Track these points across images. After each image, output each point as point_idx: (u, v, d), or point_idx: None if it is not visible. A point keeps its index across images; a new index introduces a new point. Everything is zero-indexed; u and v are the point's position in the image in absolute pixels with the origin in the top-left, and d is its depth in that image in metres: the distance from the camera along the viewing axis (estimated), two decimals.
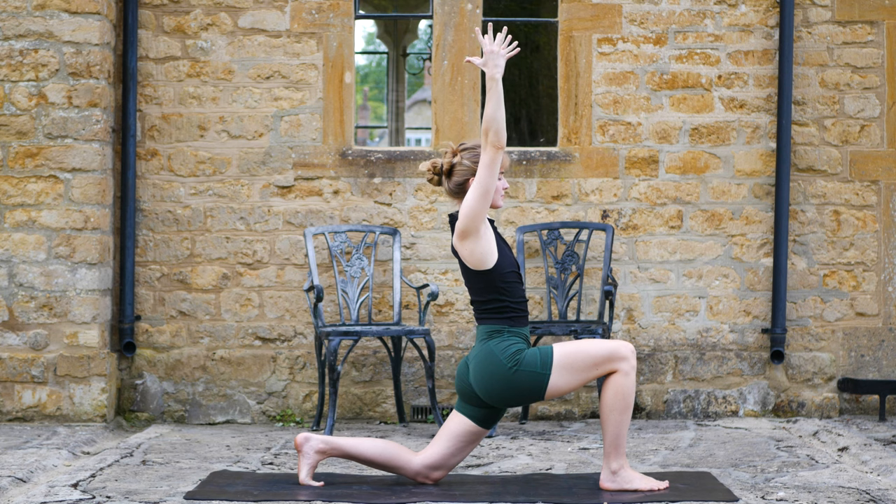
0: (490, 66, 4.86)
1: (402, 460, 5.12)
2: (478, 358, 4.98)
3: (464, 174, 5.03)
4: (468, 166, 5.01)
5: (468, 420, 5.07)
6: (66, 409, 6.88)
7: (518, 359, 4.91)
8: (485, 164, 4.85)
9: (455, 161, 5.05)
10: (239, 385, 7.27)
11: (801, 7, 7.36)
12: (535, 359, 4.92)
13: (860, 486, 5.17)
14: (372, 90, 35.17)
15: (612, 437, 4.99)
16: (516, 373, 4.91)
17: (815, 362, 7.40)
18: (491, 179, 4.85)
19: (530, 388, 4.93)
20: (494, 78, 4.84)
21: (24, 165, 6.90)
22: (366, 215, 7.32)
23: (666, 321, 7.36)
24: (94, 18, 6.91)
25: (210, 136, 7.29)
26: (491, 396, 4.98)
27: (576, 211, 7.36)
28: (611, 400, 4.97)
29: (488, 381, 4.94)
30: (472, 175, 4.99)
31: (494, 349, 4.95)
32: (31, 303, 6.89)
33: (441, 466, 5.10)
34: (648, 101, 7.37)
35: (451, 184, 5.07)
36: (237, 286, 7.28)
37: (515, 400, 4.98)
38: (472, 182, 4.92)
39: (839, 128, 7.40)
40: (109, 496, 4.91)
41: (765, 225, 7.38)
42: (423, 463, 5.09)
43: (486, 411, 5.07)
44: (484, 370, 4.95)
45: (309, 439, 5.12)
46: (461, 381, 5.06)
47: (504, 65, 4.86)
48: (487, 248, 4.93)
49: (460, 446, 5.09)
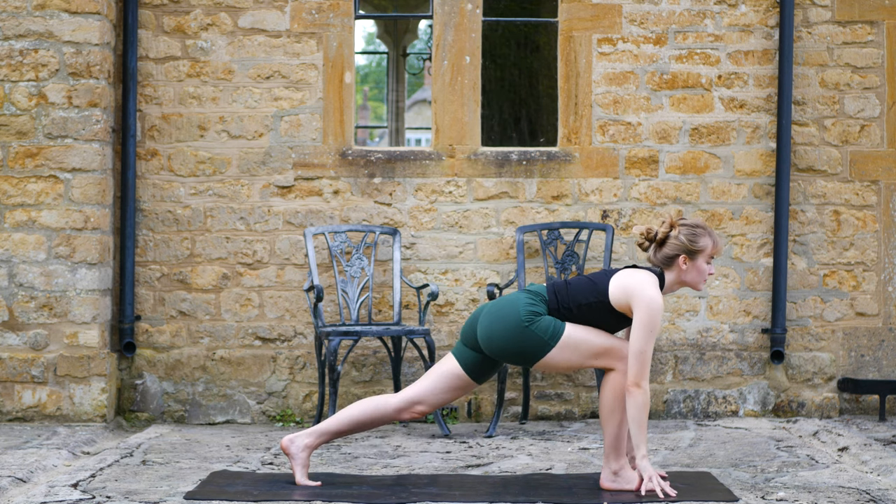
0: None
1: (384, 405, 5.11)
2: (502, 300, 5.01)
3: (676, 249, 4.96)
4: (682, 243, 4.94)
5: (457, 364, 5.07)
6: (66, 409, 6.88)
7: (535, 320, 4.92)
8: (645, 344, 4.87)
9: (671, 234, 4.97)
10: (239, 385, 7.27)
11: (801, 7, 7.36)
12: (548, 327, 4.92)
13: (860, 486, 5.17)
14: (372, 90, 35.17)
15: (612, 437, 4.99)
16: (526, 330, 4.91)
17: (815, 362, 7.40)
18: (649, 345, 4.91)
19: (529, 351, 4.93)
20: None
21: (24, 165, 6.90)
22: (366, 215, 7.32)
23: (666, 321, 7.36)
24: (94, 18, 6.91)
25: (210, 136, 7.29)
26: (489, 339, 4.96)
27: (576, 211, 7.36)
28: (610, 400, 4.97)
29: (497, 324, 4.94)
30: (683, 252, 4.94)
31: (520, 301, 4.96)
32: (31, 303, 6.89)
33: (423, 401, 5.08)
34: (648, 101, 7.37)
35: (659, 254, 5.00)
36: (237, 286, 7.28)
37: (508, 353, 4.96)
38: (640, 310, 4.87)
39: (839, 128, 7.40)
40: (109, 496, 4.91)
41: (765, 225, 7.38)
42: (404, 397, 5.09)
43: (477, 358, 5.05)
44: (499, 311, 4.96)
45: (293, 440, 5.13)
46: (471, 321, 5.08)
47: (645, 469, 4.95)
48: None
49: (444, 386, 5.07)
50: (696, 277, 5.00)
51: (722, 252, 5.15)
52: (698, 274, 4.99)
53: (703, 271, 4.99)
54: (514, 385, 7.30)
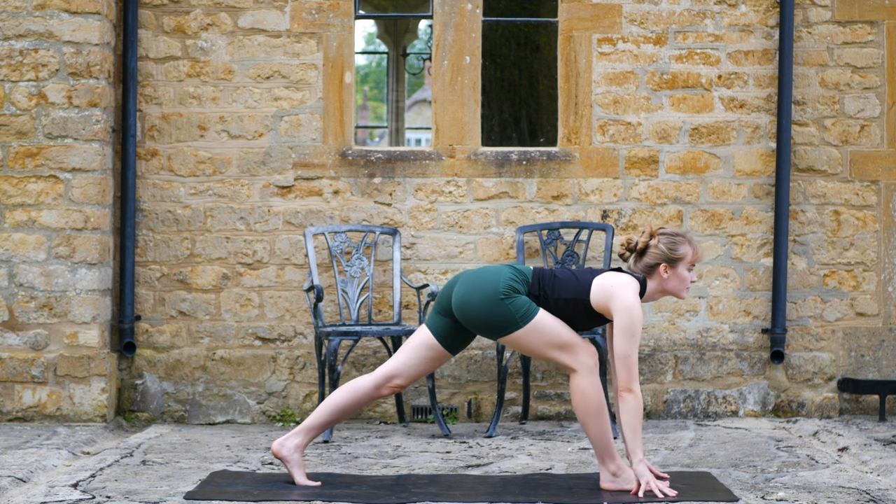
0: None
1: (361, 385, 5.15)
2: (483, 269, 5.04)
3: (656, 258, 5.00)
4: (663, 252, 4.99)
5: (430, 334, 5.09)
6: (66, 409, 6.88)
7: (511, 295, 4.94)
8: (629, 348, 4.91)
9: (651, 243, 5.02)
10: (239, 385, 7.27)
11: (801, 7, 7.36)
12: (522, 306, 4.94)
13: (860, 486, 5.17)
14: (372, 90, 35.17)
15: (596, 441, 5.00)
16: (500, 302, 4.93)
17: (815, 362, 7.40)
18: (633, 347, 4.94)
19: (499, 324, 4.95)
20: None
21: (24, 165, 6.90)
22: (366, 215, 7.32)
23: (666, 321, 7.36)
24: (94, 18, 6.91)
25: (210, 136, 7.29)
26: (463, 304, 4.98)
27: (576, 211, 7.36)
28: (579, 405, 4.97)
29: (473, 291, 4.96)
30: (663, 261, 4.99)
31: (504, 273, 4.98)
32: (31, 303, 6.89)
33: (399, 374, 5.11)
34: (648, 101, 7.37)
35: (640, 264, 5.05)
36: (237, 286, 7.28)
37: (477, 321, 4.97)
38: (620, 316, 4.90)
39: (839, 128, 7.40)
40: (109, 496, 4.91)
41: (765, 225, 7.38)
42: (380, 373, 5.13)
43: (450, 326, 5.07)
44: (480, 279, 4.99)
45: (283, 443, 5.15)
46: (447, 288, 5.10)
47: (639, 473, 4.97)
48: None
49: (418, 358, 5.09)
50: (678, 285, 5.03)
51: (702, 259, 5.16)
52: (680, 282, 5.03)
53: (685, 279, 5.03)
54: (514, 385, 7.30)
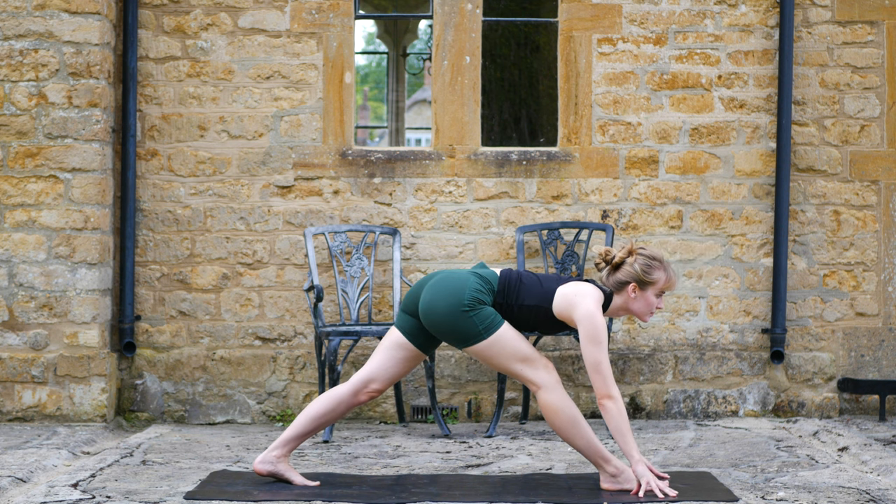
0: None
1: (338, 393, 5.15)
2: (451, 277, 5.01)
3: (628, 276, 4.98)
4: (636, 272, 4.96)
5: (400, 334, 5.10)
6: (66, 409, 6.88)
7: (476, 307, 4.93)
8: (598, 355, 4.88)
9: (628, 260, 5.00)
10: (239, 385, 7.28)
11: (801, 7, 7.36)
12: (486, 319, 4.94)
13: (860, 486, 5.17)
14: (372, 90, 35.17)
15: (585, 451, 5.00)
16: (464, 314, 4.92)
17: (815, 362, 7.40)
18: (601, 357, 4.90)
19: (461, 335, 4.95)
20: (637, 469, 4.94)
21: (24, 165, 6.90)
22: (366, 215, 7.32)
23: (666, 321, 7.36)
24: (94, 18, 6.91)
25: (210, 136, 7.29)
26: (428, 311, 4.98)
27: (576, 211, 7.36)
28: (554, 422, 4.97)
29: (438, 300, 4.96)
30: (634, 280, 4.97)
31: (469, 283, 4.97)
32: (31, 303, 6.89)
33: (375, 378, 5.11)
34: (648, 101, 7.37)
35: (612, 278, 5.02)
36: (237, 286, 7.28)
37: (441, 329, 4.98)
38: (583, 325, 4.88)
39: (839, 128, 7.40)
40: (109, 496, 4.91)
41: (765, 225, 7.38)
42: (356, 380, 5.13)
43: (418, 327, 5.07)
44: (444, 288, 4.97)
45: (265, 459, 5.16)
46: (415, 289, 5.10)
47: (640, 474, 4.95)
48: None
49: (391, 358, 5.10)
50: (643, 308, 5.02)
51: (675, 288, 5.15)
52: (646, 305, 5.01)
53: (651, 304, 5.01)
54: (513, 385, 7.30)
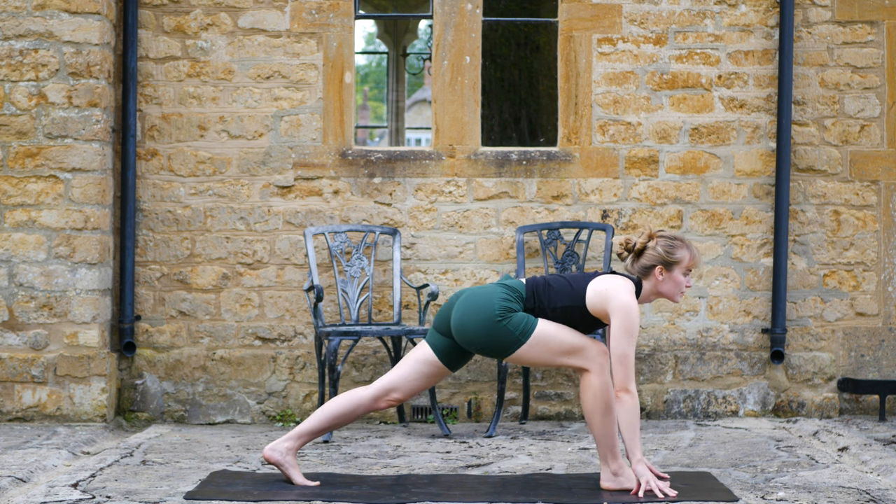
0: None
1: (359, 396, 5.14)
2: (477, 293, 5.02)
3: (653, 260, 5.00)
4: (660, 255, 4.98)
5: (431, 351, 5.10)
6: (66, 409, 6.88)
7: (508, 315, 4.94)
8: (627, 348, 4.92)
9: (649, 245, 5.01)
10: (239, 385, 7.27)
11: (801, 7, 7.36)
12: (520, 323, 4.95)
13: (860, 486, 5.17)
14: (372, 90, 35.17)
15: (601, 439, 4.99)
16: (498, 325, 4.93)
17: (815, 362, 7.40)
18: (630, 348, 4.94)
19: (500, 345, 4.96)
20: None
21: (24, 165, 6.90)
22: (366, 215, 7.32)
23: (666, 321, 7.36)
24: (94, 18, 6.91)
25: (210, 136, 7.29)
26: (462, 331, 4.98)
27: (576, 211, 7.36)
28: (590, 403, 4.98)
29: (470, 317, 4.96)
30: (660, 263, 4.98)
31: (497, 294, 4.98)
32: (31, 303, 6.89)
33: (397, 388, 5.11)
34: (648, 101, 7.37)
35: (637, 264, 5.04)
36: (237, 286, 7.28)
37: (480, 347, 4.99)
38: (618, 317, 4.90)
39: (839, 128, 7.40)
40: (109, 496, 4.91)
41: (765, 225, 7.38)
42: (379, 386, 5.12)
43: (451, 346, 5.08)
44: (473, 304, 4.98)
45: (275, 448, 5.15)
46: (446, 307, 5.10)
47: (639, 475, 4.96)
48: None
49: (417, 372, 5.10)
50: (673, 289, 5.03)
51: (699, 264, 5.17)
52: (675, 286, 5.02)
53: (680, 283, 5.02)
54: (514, 385, 7.30)
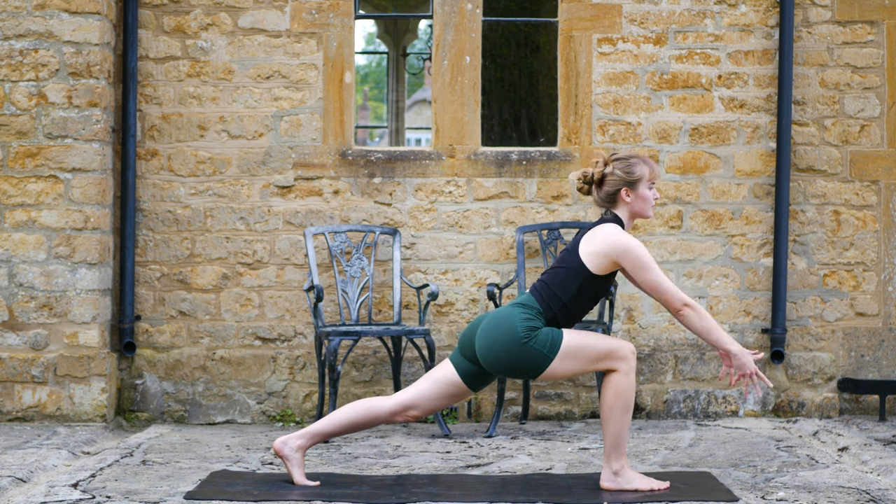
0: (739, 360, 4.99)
1: (377, 407, 5.11)
2: (497, 318, 4.99)
3: (615, 184, 5.03)
4: (620, 177, 5.02)
5: (455, 372, 5.07)
6: (66, 409, 6.88)
7: (534, 335, 4.92)
8: (655, 279, 4.96)
9: (607, 171, 5.05)
10: (239, 385, 7.28)
11: (801, 7, 7.36)
12: (547, 340, 4.93)
13: (860, 486, 5.17)
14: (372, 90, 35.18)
15: (612, 437, 4.99)
16: (525, 346, 4.91)
17: (815, 362, 7.40)
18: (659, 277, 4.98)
19: (531, 366, 4.94)
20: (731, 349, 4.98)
21: (24, 165, 6.90)
22: (366, 215, 7.32)
23: (666, 321, 7.36)
24: (94, 18, 6.91)
25: (210, 136, 7.29)
26: (489, 358, 4.96)
27: (576, 211, 7.36)
28: (611, 400, 4.97)
29: (496, 343, 4.94)
30: (623, 185, 5.01)
31: (516, 316, 4.95)
32: (31, 303, 6.89)
33: (417, 406, 5.08)
34: (648, 101, 7.37)
35: (601, 193, 5.08)
36: (237, 286, 7.28)
37: (511, 371, 4.98)
38: (626, 260, 4.94)
39: (839, 128, 7.40)
40: (109, 496, 4.91)
41: (765, 225, 7.38)
42: (399, 401, 5.09)
43: (476, 370, 5.06)
44: (496, 330, 4.95)
45: (286, 442, 5.13)
46: (468, 332, 5.06)
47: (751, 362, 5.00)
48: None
49: (439, 392, 5.08)
50: (643, 206, 5.08)
51: (659, 176, 5.20)
52: (644, 201, 5.07)
53: (648, 197, 5.07)
54: (514, 385, 7.30)
